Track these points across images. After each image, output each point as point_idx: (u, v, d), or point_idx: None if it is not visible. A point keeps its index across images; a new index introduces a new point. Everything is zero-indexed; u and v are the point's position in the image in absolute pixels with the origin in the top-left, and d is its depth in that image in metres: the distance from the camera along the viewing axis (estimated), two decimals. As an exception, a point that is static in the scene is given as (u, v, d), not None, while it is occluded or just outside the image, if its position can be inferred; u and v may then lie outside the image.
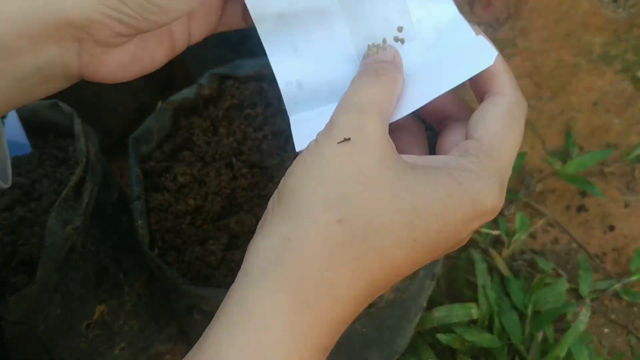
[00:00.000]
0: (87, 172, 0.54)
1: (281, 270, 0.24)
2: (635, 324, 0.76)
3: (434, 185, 0.25)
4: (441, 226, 0.25)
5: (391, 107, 0.28)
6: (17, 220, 0.54)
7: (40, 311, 0.50)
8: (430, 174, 0.26)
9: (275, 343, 0.23)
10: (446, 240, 0.26)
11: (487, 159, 0.27)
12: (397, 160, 0.26)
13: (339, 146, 0.25)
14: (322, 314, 0.24)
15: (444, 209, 0.25)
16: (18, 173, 0.57)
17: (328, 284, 0.24)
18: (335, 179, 0.25)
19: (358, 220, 0.24)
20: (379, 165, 0.25)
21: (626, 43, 1.03)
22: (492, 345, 0.69)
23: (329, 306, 0.24)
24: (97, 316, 0.57)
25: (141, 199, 0.51)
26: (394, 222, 0.24)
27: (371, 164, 0.25)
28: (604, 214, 0.85)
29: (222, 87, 0.59)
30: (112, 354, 0.62)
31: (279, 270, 0.24)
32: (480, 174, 0.26)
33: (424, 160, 0.27)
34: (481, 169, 0.26)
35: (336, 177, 0.25)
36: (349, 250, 0.24)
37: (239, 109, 0.58)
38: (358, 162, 0.25)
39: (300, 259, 0.24)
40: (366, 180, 0.25)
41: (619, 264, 0.81)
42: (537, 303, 0.73)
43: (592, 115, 0.95)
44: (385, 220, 0.24)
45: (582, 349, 0.68)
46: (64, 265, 0.51)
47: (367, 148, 0.25)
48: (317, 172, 0.25)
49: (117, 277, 0.60)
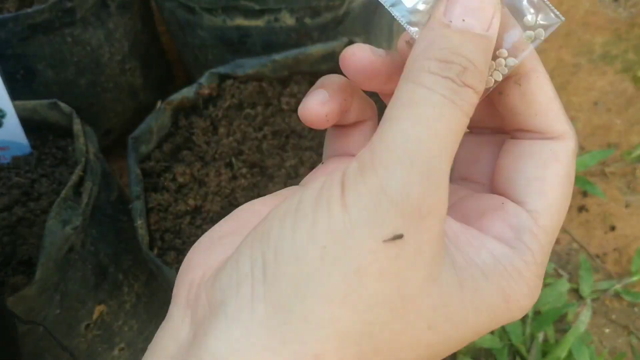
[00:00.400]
0: (87, 171, 0.54)
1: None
2: (636, 325, 0.76)
3: (478, 308, 0.19)
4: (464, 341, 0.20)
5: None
6: (17, 220, 0.53)
7: (40, 311, 0.50)
8: (477, 290, 0.19)
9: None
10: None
11: (543, 255, 0.20)
12: (446, 272, 0.18)
13: (383, 246, 0.17)
14: None
15: (480, 329, 0.19)
16: (17, 173, 0.57)
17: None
18: (365, 300, 0.17)
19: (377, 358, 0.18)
20: (425, 282, 0.18)
21: (627, 43, 1.03)
22: (492, 345, 0.69)
23: None
24: (97, 316, 0.57)
25: (140, 198, 0.51)
26: (419, 357, 0.18)
27: (417, 283, 0.17)
28: (604, 214, 0.85)
29: (222, 86, 0.59)
30: (112, 354, 0.62)
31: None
32: (531, 280, 0.20)
33: (470, 253, 0.20)
34: (534, 274, 0.20)
35: (367, 298, 0.17)
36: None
37: (239, 108, 0.58)
38: (401, 276, 0.17)
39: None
40: (403, 305, 0.17)
41: (619, 264, 0.81)
42: (537, 303, 0.72)
43: (592, 115, 0.95)
44: (410, 358, 0.18)
45: (583, 349, 0.68)
46: (63, 265, 0.51)
47: (419, 256, 0.17)
48: (340, 278, 0.17)
49: (117, 277, 0.59)
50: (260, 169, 0.55)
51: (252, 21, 0.65)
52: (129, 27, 0.75)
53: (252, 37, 0.67)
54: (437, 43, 0.18)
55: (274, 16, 0.64)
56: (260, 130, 0.57)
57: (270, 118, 0.58)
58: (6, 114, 0.55)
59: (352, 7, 0.66)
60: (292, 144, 0.56)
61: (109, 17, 0.70)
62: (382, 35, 0.77)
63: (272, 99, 0.59)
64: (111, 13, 0.71)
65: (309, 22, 0.65)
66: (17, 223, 0.53)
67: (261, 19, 0.65)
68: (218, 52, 0.71)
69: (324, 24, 0.66)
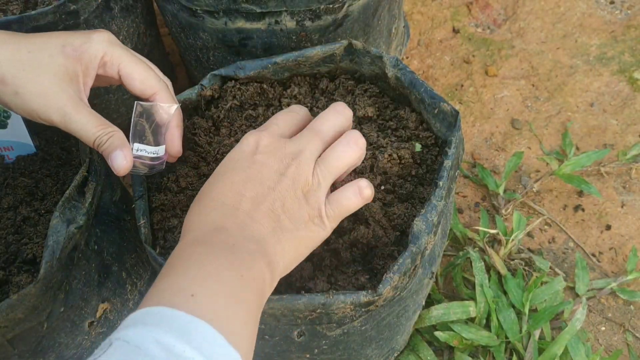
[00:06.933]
0: (90, 172, 0.54)
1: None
2: (632, 323, 0.76)
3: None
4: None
5: None
6: (21, 220, 0.54)
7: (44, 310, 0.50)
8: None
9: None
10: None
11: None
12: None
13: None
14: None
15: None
16: (22, 173, 0.58)
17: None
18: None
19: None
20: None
21: (623, 44, 1.03)
22: (489, 343, 0.70)
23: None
24: (100, 314, 0.58)
25: (143, 198, 0.52)
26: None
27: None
28: (600, 214, 0.86)
29: (224, 88, 0.59)
30: (115, 351, 0.63)
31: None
32: None
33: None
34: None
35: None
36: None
37: (240, 109, 0.59)
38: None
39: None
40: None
41: (615, 263, 0.81)
42: (534, 301, 0.73)
43: (588, 115, 0.96)
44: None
45: (579, 346, 0.69)
46: (67, 264, 0.51)
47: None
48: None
49: (120, 275, 0.60)
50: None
51: (253, 24, 0.66)
52: (132, 30, 0.75)
53: (253, 39, 0.68)
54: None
55: (274, 19, 0.65)
56: (261, 131, 0.58)
57: (271, 119, 0.58)
58: (11, 114, 0.56)
59: (351, 10, 0.67)
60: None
61: (112, 19, 0.71)
62: (380, 37, 0.77)
63: (272, 100, 0.59)
64: (114, 15, 0.71)
65: (309, 25, 0.66)
66: (22, 222, 0.54)
67: (262, 21, 0.65)
68: (219, 54, 0.71)
69: (323, 26, 0.67)
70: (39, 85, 0.45)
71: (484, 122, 0.97)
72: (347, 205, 0.42)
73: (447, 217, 0.54)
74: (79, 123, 0.46)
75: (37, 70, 0.45)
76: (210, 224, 0.39)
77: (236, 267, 0.36)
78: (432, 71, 1.04)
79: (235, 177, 0.41)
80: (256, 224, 0.39)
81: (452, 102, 1.00)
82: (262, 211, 0.39)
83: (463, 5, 1.11)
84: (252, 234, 0.38)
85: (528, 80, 1.01)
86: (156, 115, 0.50)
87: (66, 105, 0.45)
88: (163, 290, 0.34)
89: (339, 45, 0.56)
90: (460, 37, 1.08)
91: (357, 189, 0.42)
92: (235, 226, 0.38)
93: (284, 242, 0.39)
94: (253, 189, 0.40)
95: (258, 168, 0.41)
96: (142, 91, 0.50)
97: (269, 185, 0.40)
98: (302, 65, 0.58)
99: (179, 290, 0.33)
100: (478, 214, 0.87)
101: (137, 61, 0.50)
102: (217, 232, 0.38)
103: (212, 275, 0.35)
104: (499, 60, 1.04)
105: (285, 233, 0.40)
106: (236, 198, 0.40)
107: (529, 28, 1.07)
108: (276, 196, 0.40)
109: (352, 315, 0.46)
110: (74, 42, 0.47)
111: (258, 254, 0.38)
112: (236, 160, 0.42)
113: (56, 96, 0.45)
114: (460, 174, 0.91)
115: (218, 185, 0.41)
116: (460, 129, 0.50)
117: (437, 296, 0.76)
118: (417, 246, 0.45)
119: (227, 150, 0.56)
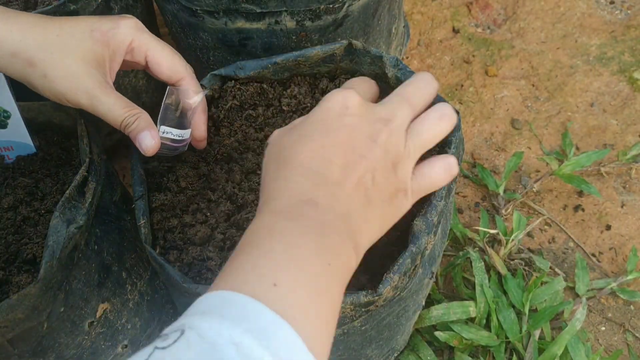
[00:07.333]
0: (90, 172, 0.54)
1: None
2: (632, 323, 0.76)
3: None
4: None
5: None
6: (21, 220, 0.54)
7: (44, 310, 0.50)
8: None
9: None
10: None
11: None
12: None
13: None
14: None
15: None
16: (22, 173, 0.58)
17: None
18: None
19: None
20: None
21: (623, 44, 1.04)
22: (489, 343, 0.70)
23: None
24: (100, 314, 0.58)
25: (144, 198, 0.52)
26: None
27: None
28: (600, 214, 0.86)
29: (223, 87, 0.59)
30: (115, 351, 0.63)
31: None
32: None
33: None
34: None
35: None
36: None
37: (240, 109, 0.59)
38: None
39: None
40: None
41: (615, 263, 0.81)
42: (534, 301, 0.73)
43: (588, 115, 0.96)
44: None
45: (579, 346, 0.69)
46: (67, 264, 0.51)
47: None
48: None
49: (120, 275, 0.60)
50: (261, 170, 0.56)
51: (253, 24, 0.66)
52: (131, 30, 0.75)
53: (253, 39, 0.68)
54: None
55: (274, 19, 0.65)
56: (261, 130, 0.58)
57: (271, 119, 0.58)
58: (11, 114, 0.56)
59: (351, 10, 0.67)
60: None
61: (112, 19, 0.71)
62: (380, 37, 0.77)
63: (272, 100, 0.59)
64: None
65: (309, 25, 0.66)
66: (22, 222, 0.54)
67: (262, 21, 0.65)
68: (219, 54, 0.71)
69: (323, 26, 0.67)
70: (67, 68, 0.45)
71: (484, 122, 0.97)
72: (435, 180, 0.39)
73: (447, 217, 0.54)
74: (106, 105, 0.46)
75: (66, 54, 0.46)
76: (299, 194, 0.35)
77: (324, 252, 0.32)
78: (432, 71, 1.04)
79: (323, 140, 0.36)
80: (346, 198, 0.35)
81: (452, 102, 1.00)
82: (353, 182, 0.35)
83: (463, 5, 1.11)
84: (342, 210, 0.34)
85: (528, 80, 1.01)
86: (183, 100, 0.51)
87: (94, 88, 0.46)
88: (244, 271, 0.30)
89: (339, 45, 0.56)
90: (460, 37, 1.08)
91: (447, 164, 0.39)
92: (325, 200, 0.34)
93: (371, 220, 0.36)
94: (343, 155, 0.36)
95: (348, 132, 0.36)
96: (169, 77, 0.51)
97: (361, 153, 0.36)
98: (302, 65, 0.58)
99: (261, 276, 0.30)
100: (478, 214, 0.87)
101: (164, 48, 0.50)
102: (306, 205, 0.34)
103: (298, 260, 0.31)
104: (499, 60, 1.04)
105: (373, 209, 0.36)
106: (325, 165, 0.35)
107: (529, 28, 1.07)
108: (368, 166, 0.36)
109: (352, 315, 0.46)
110: (102, 27, 0.48)
111: (346, 236, 0.34)
112: (322, 121, 0.37)
113: (84, 79, 0.46)
114: (460, 174, 0.91)
115: (305, 149, 0.36)
116: (460, 129, 0.50)
117: (437, 296, 0.76)
118: (417, 246, 0.45)
119: (227, 150, 0.56)
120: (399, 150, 0.37)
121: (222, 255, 0.50)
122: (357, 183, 0.35)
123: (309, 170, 0.35)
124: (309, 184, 0.35)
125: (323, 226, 0.33)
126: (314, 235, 0.32)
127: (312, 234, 0.32)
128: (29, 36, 0.45)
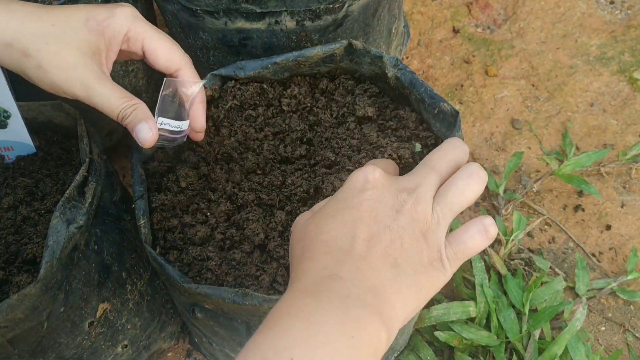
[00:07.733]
0: (90, 172, 0.54)
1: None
2: (632, 322, 0.76)
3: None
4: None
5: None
6: (21, 220, 0.54)
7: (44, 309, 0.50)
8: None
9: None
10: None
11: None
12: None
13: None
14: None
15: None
16: (22, 173, 0.58)
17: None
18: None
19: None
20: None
21: (623, 44, 1.03)
22: (489, 342, 0.70)
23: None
24: (100, 314, 0.58)
25: (144, 198, 0.52)
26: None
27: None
28: (600, 214, 0.86)
29: (224, 87, 0.59)
30: (115, 351, 0.63)
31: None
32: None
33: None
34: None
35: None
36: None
37: (240, 109, 0.59)
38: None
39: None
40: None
41: (615, 263, 0.82)
42: (534, 301, 0.73)
43: (588, 115, 0.96)
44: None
45: (579, 346, 0.69)
46: (67, 264, 0.51)
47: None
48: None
49: (120, 275, 0.60)
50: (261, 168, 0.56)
51: (253, 24, 0.66)
52: (131, 30, 0.75)
53: (253, 39, 0.68)
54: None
55: (274, 19, 0.65)
56: (261, 130, 0.58)
57: (271, 119, 0.58)
58: (11, 114, 0.56)
59: (351, 10, 0.67)
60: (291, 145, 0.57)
61: (112, 19, 0.71)
62: (380, 37, 0.77)
63: (272, 100, 0.59)
64: (114, 16, 0.71)
65: (309, 25, 0.66)
66: (22, 222, 0.54)
67: (262, 21, 0.65)
68: (219, 54, 0.71)
69: (323, 26, 0.67)
70: (62, 59, 0.45)
71: (484, 122, 0.97)
72: (471, 246, 0.37)
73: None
74: (103, 96, 0.45)
75: (61, 44, 0.45)
76: (322, 270, 0.35)
77: (347, 326, 0.31)
78: (432, 71, 1.04)
79: (346, 217, 0.36)
80: (372, 270, 0.34)
81: (452, 102, 1.00)
82: (378, 254, 0.35)
83: (463, 5, 1.11)
84: (368, 283, 0.34)
85: (528, 80, 1.01)
86: (181, 91, 0.50)
87: (89, 79, 0.45)
88: (261, 350, 0.30)
89: (339, 45, 0.56)
90: (460, 37, 1.08)
91: (483, 227, 0.37)
92: (350, 274, 0.34)
93: (404, 291, 0.34)
94: (367, 229, 0.35)
95: (371, 205, 0.36)
96: (166, 67, 0.50)
97: (385, 224, 0.35)
98: (302, 65, 0.58)
99: (277, 352, 0.30)
100: (478, 214, 0.87)
101: (161, 37, 0.49)
102: (330, 281, 0.34)
103: (318, 335, 0.31)
104: (499, 60, 1.04)
105: (404, 280, 0.35)
106: (348, 240, 0.35)
107: (529, 28, 1.07)
108: (394, 236, 0.35)
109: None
110: (97, 16, 0.47)
111: (374, 310, 0.33)
112: (344, 199, 0.37)
113: (79, 70, 0.45)
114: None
115: (328, 228, 0.37)
116: (460, 129, 0.50)
117: (437, 296, 0.76)
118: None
119: (227, 150, 0.56)
120: (426, 218, 0.36)
121: (222, 255, 0.50)
122: (383, 254, 0.35)
123: (332, 248, 0.35)
124: (333, 260, 0.35)
125: (346, 300, 0.32)
126: (336, 309, 0.32)
127: (334, 308, 0.32)
128: (24, 26, 0.44)
